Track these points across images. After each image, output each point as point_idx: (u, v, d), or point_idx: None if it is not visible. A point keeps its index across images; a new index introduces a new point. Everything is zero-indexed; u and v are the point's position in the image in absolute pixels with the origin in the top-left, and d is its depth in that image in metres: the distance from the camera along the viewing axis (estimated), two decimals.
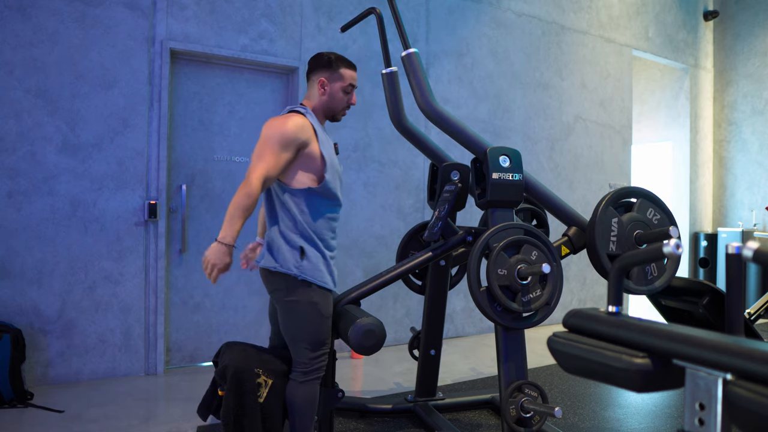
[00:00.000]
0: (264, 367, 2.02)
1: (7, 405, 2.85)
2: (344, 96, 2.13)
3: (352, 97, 2.16)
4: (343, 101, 2.14)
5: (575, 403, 3.09)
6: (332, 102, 2.13)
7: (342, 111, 2.18)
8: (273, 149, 1.92)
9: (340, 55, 2.16)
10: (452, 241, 2.40)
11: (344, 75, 2.12)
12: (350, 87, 2.14)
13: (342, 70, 2.12)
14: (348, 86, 2.13)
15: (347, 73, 2.12)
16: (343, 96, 2.13)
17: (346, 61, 2.14)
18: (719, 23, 6.97)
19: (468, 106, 4.81)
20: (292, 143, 1.94)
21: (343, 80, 2.11)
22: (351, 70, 2.15)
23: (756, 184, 6.57)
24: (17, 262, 3.15)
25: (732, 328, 1.11)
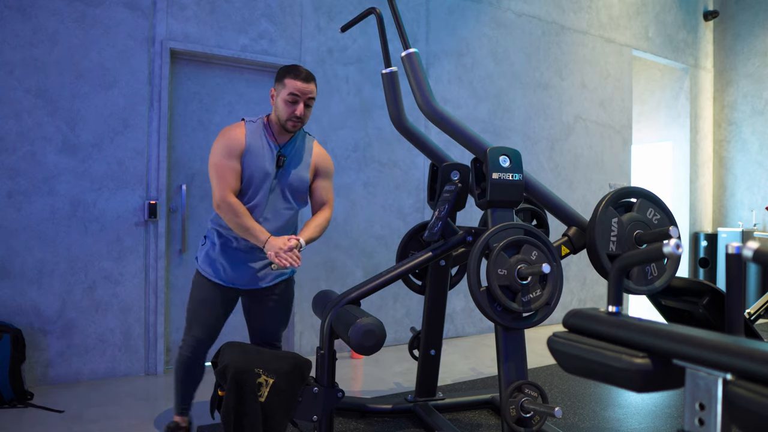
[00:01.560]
0: (264, 367, 2.02)
1: (7, 405, 2.85)
2: (287, 106, 2.17)
3: (297, 108, 2.16)
4: (285, 111, 2.17)
5: (575, 403, 3.09)
6: (277, 111, 2.21)
7: (287, 122, 2.19)
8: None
9: (295, 66, 2.20)
10: (452, 241, 2.40)
11: (287, 84, 2.16)
12: (292, 97, 2.15)
13: (286, 80, 2.16)
14: (289, 96, 2.15)
15: (290, 83, 2.15)
16: (285, 106, 2.17)
17: (294, 72, 2.17)
18: (719, 23, 6.97)
19: (468, 106, 4.81)
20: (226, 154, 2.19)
21: (285, 90, 2.16)
22: (297, 80, 2.15)
23: (756, 184, 6.57)
24: (17, 262, 3.15)
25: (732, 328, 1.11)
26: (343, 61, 4.20)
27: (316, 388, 2.04)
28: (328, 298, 2.41)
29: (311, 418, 2.05)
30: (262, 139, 2.23)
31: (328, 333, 2.11)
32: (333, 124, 4.15)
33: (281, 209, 2.28)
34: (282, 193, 2.27)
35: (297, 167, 2.28)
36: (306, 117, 2.22)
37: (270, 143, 2.24)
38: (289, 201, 2.29)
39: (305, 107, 2.19)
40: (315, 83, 2.23)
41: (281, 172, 2.24)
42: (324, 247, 4.11)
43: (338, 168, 4.17)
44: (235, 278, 2.28)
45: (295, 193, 2.30)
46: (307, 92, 2.18)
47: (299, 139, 2.32)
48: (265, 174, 2.21)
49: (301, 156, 2.30)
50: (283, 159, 2.24)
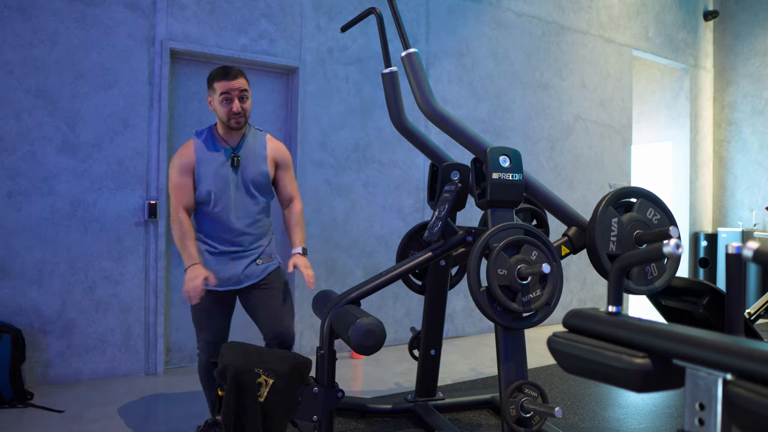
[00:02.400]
0: (264, 367, 2.02)
1: (7, 405, 2.85)
2: (223, 107, 2.25)
3: (233, 105, 2.24)
4: (223, 112, 2.25)
5: (575, 403, 3.09)
6: (218, 115, 2.30)
7: (229, 120, 2.26)
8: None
9: (220, 67, 2.26)
10: (452, 241, 2.40)
11: (216, 88, 2.24)
12: (223, 96, 2.22)
13: (214, 84, 2.24)
14: (221, 97, 2.23)
15: (219, 85, 2.23)
16: (222, 107, 2.25)
17: (219, 74, 2.24)
18: (719, 23, 6.97)
19: (468, 106, 4.81)
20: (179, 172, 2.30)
21: (216, 94, 2.24)
22: (221, 80, 2.22)
23: (756, 184, 6.57)
24: (17, 262, 3.15)
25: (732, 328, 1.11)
26: (343, 61, 4.20)
27: (316, 388, 2.04)
28: (328, 298, 2.41)
29: (311, 418, 2.05)
30: (212, 147, 2.32)
31: (328, 333, 2.11)
32: (333, 124, 4.15)
33: (249, 206, 2.35)
34: (246, 190, 2.33)
35: (253, 162, 2.35)
36: (246, 110, 2.29)
37: (221, 148, 2.32)
38: (254, 196, 2.36)
39: (241, 101, 2.26)
40: (243, 76, 2.28)
41: (239, 171, 2.31)
42: (324, 247, 4.11)
43: (338, 168, 4.17)
44: (225, 280, 2.33)
45: (259, 187, 2.36)
46: (236, 87, 2.24)
47: (250, 136, 2.39)
48: (222, 178, 2.29)
49: (256, 150, 2.37)
50: (237, 159, 2.31)
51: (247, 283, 2.37)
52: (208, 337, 2.39)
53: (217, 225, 2.34)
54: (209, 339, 2.38)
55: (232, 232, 2.33)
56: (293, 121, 4.03)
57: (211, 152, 2.31)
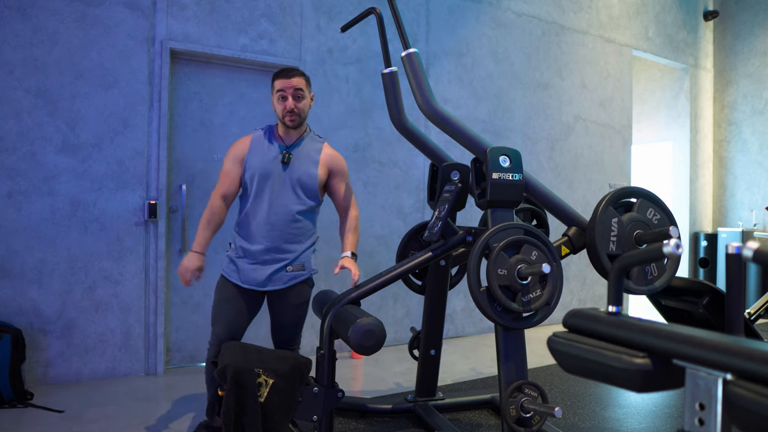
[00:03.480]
0: (264, 367, 2.02)
1: (7, 405, 2.85)
2: (279, 104, 2.34)
3: (287, 103, 2.32)
4: (279, 109, 2.34)
5: (575, 403, 3.09)
6: (276, 112, 2.38)
7: (284, 117, 2.34)
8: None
9: (283, 68, 2.36)
10: (452, 241, 2.40)
11: (274, 86, 2.34)
12: (279, 93, 2.32)
13: (274, 81, 2.34)
14: (277, 93, 2.33)
15: (276, 83, 2.33)
16: (278, 104, 2.34)
17: (279, 72, 2.34)
18: (719, 23, 6.97)
19: (468, 106, 4.81)
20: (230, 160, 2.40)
21: (274, 90, 2.34)
22: (280, 78, 2.32)
23: (756, 184, 6.57)
24: (17, 262, 3.15)
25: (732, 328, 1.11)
26: (343, 61, 4.20)
27: (316, 388, 2.04)
28: (328, 298, 2.41)
29: (311, 418, 2.05)
30: (267, 141, 2.38)
31: (328, 333, 2.11)
32: (333, 124, 4.15)
33: (290, 203, 2.33)
34: (292, 188, 2.34)
35: (304, 163, 2.37)
36: (300, 109, 2.34)
37: (276, 144, 2.38)
38: (298, 196, 2.35)
39: (296, 99, 2.32)
40: (302, 76, 2.34)
41: (288, 168, 2.34)
42: (324, 247, 4.11)
43: None
44: (252, 280, 2.33)
45: (304, 188, 2.35)
46: (292, 85, 2.30)
47: (307, 139, 2.43)
48: (267, 170, 2.32)
49: (309, 153, 2.40)
50: (289, 156, 2.34)
51: (272, 287, 2.35)
52: (219, 331, 2.34)
53: (254, 218, 2.33)
54: (220, 333, 2.34)
55: (267, 226, 2.31)
56: None
57: (266, 145, 2.37)
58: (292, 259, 2.36)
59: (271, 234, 2.32)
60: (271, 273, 2.33)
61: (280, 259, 2.34)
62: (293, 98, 2.31)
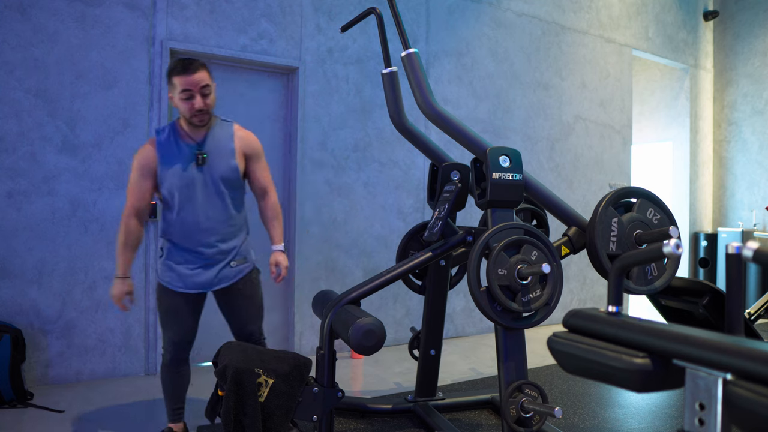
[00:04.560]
0: (264, 367, 2.02)
1: (7, 405, 2.85)
2: (184, 103, 2.11)
3: (195, 102, 2.10)
4: (186, 108, 2.12)
5: (575, 403, 3.09)
6: (180, 111, 2.16)
7: (192, 117, 2.14)
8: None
9: (179, 60, 2.11)
10: (452, 241, 2.40)
11: (174, 84, 2.10)
12: (185, 93, 2.09)
13: (173, 79, 2.10)
14: (182, 93, 2.09)
15: (176, 81, 2.09)
16: (183, 104, 2.11)
17: (177, 68, 2.09)
18: (719, 23, 6.97)
19: (468, 106, 4.81)
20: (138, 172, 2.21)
21: (176, 89, 2.10)
22: (181, 75, 2.08)
23: (756, 184, 6.57)
24: (17, 262, 3.15)
25: (732, 328, 1.11)
26: (343, 61, 4.20)
27: (316, 388, 2.04)
28: (328, 298, 2.41)
29: (311, 418, 2.05)
30: (175, 145, 2.18)
31: (328, 333, 2.11)
32: (333, 124, 4.15)
33: (220, 205, 2.22)
34: (216, 189, 2.20)
35: (221, 156, 2.20)
36: (209, 105, 2.16)
37: (185, 145, 2.19)
38: (224, 194, 2.22)
39: (203, 97, 2.12)
40: (204, 69, 2.13)
41: (206, 169, 2.18)
42: (324, 247, 4.11)
43: (338, 168, 4.17)
44: (198, 284, 2.27)
45: (228, 184, 2.23)
46: (198, 82, 2.09)
47: (216, 129, 2.24)
48: (188, 179, 2.17)
49: (222, 144, 2.22)
50: (203, 156, 2.17)
51: (220, 286, 2.31)
52: (174, 336, 2.31)
53: (185, 228, 2.21)
54: (175, 338, 2.31)
55: (203, 233, 2.22)
56: (293, 121, 4.03)
57: (175, 151, 2.17)
58: (234, 255, 2.29)
59: (209, 239, 2.23)
60: (217, 272, 2.26)
61: (222, 259, 2.27)
62: (201, 96, 2.11)
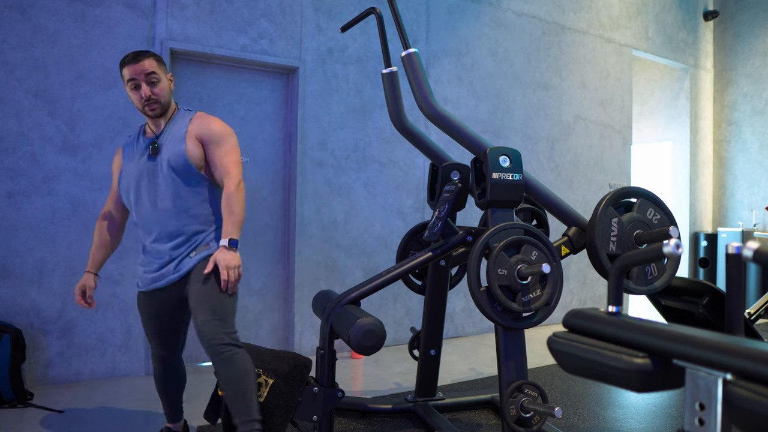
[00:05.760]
0: (264, 367, 2.02)
1: (7, 405, 2.85)
2: (133, 94, 2.06)
3: (141, 92, 2.04)
4: (135, 99, 2.07)
5: (575, 403, 3.09)
6: (134, 103, 2.11)
7: (144, 108, 2.07)
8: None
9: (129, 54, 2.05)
10: (452, 241, 2.40)
11: (123, 75, 2.06)
12: (131, 83, 2.04)
13: (122, 71, 2.06)
14: (129, 84, 2.05)
15: (124, 72, 2.05)
16: (133, 94, 2.06)
17: (125, 59, 2.04)
18: (719, 23, 6.97)
19: (468, 106, 4.81)
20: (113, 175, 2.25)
21: (124, 81, 2.07)
22: (127, 65, 2.03)
23: (756, 184, 6.57)
24: (17, 262, 3.15)
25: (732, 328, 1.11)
26: (343, 61, 4.20)
27: (316, 388, 2.04)
28: (328, 298, 2.41)
29: (311, 418, 2.05)
30: (137, 141, 2.16)
31: (328, 333, 2.11)
32: (333, 124, 4.15)
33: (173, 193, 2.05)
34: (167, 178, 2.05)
35: (170, 144, 2.08)
36: (159, 95, 2.06)
37: (145, 140, 2.14)
38: (176, 182, 2.05)
39: (150, 85, 2.04)
40: (152, 57, 2.05)
41: (158, 159, 2.07)
42: (324, 247, 4.11)
43: (338, 168, 4.17)
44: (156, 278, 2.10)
45: (176, 170, 2.04)
46: (141, 71, 2.02)
47: (176, 119, 2.15)
48: (139, 170, 2.09)
49: (176, 131, 2.11)
50: (155, 146, 2.08)
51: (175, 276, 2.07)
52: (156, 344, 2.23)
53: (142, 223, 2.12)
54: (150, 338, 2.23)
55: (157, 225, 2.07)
56: (293, 121, 4.03)
57: (134, 148, 2.15)
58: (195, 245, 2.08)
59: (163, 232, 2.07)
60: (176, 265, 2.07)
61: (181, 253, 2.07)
62: (147, 84, 2.03)
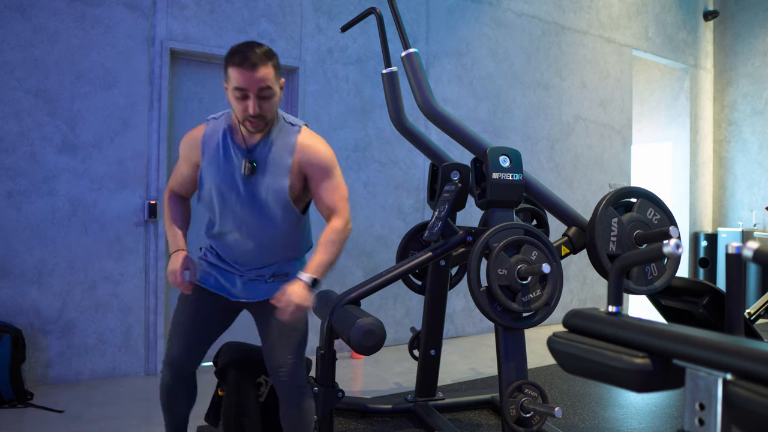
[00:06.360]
0: (264, 367, 2.02)
1: (7, 405, 2.85)
2: (237, 103, 1.64)
3: (249, 104, 1.61)
4: (237, 110, 1.66)
5: (575, 403, 3.09)
6: (233, 108, 1.70)
7: (244, 122, 1.67)
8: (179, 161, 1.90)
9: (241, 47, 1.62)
10: (452, 241, 2.40)
11: (230, 76, 1.63)
12: (238, 92, 1.62)
13: (229, 69, 1.62)
14: (235, 91, 1.62)
15: (232, 74, 1.61)
16: (236, 103, 1.65)
17: (236, 57, 1.60)
18: (719, 23, 6.97)
19: (468, 106, 4.81)
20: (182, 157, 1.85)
21: (229, 83, 1.64)
22: (239, 68, 1.59)
23: (756, 184, 6.57)
24: (17, 262, 3.15)
25: (732, 328, 1.11)
26: (343, 61, 4.20)
27: (316, 388, 2.04)
28: (328, 298, 2.41)
29: None
30: (224, 142, 1.74)
31: (328, 333, 2.11)
32: (333, 124, 4.15)
33: (262, 228, 1.78)
34: (259, 210, 1.75)
35: (272, 173, 1.73)
36: (267, 111, 1.66)
37: (235, 147, 1.73)
38: (269, 217, 1.76)
39: (261, 100, 1.63)
40: (269, 63, 1.62)
41: (253, 181, 1.72)
42: None
43: None
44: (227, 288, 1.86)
45: (275, 207, 1.75)
46: (255, 82, 1.60)
47: (275, 134, 1.74)
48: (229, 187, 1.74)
49: (278, 157, 1.73)
50: (251, 166, 1.71)
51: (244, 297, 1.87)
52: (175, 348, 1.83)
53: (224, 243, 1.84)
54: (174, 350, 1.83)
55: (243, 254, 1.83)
56: None
57: (222, 150, 1.74)
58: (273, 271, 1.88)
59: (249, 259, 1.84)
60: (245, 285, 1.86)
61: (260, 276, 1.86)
62: (258, 98, 1.62)
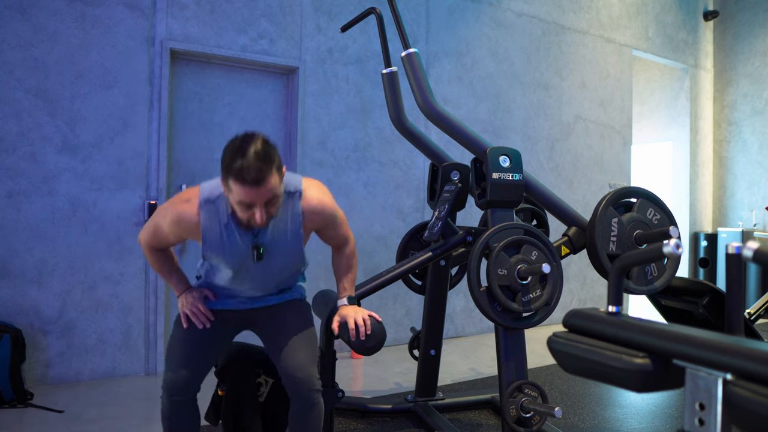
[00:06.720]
0: (264, 367, 2.02)
1: (7, 405, 2.85)
2: (242, 211, 1.58)
3: (254, 214, 1.57)
4: (243, 215, 1.60)
5: (575, 403, 3.09)
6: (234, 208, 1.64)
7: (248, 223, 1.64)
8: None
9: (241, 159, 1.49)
10: (452, 241, 2.40)
11: (233, 189, 1.54)
12: (243, 206, 1.56)
13: (230, 182, 1.53)
14: (239, 204, 1.57)
15: (237, 188, 1.53)
16: (241, 210, 1.58)
17: (239, 172, 1.50)
18: (719, 23, 6.97)
19: (468, 106, 4.81)
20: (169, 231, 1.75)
21: (233, 195, 1.57)
22: (244, 186, 1.51)
23: (756, 184, 6.57)
24: (17, 262, 3.15)
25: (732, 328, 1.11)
26: (343, 61, 4.20)
27: None
28: (328, 298, 2.41)
29: None
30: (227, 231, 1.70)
31: (328, 333, 2.11)
32: (333, 124, 4.15)
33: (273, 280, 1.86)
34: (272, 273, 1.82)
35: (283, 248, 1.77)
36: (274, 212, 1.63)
37: (241, 233, 1.70)
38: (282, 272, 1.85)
39: (267, 206, 1.58)
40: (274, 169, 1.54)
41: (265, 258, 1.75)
42: (324, 247, 4.09)
43: (338, 168, 4.17)
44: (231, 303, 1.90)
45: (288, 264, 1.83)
46: (263, 196, 1.54)
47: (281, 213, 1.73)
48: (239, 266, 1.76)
49: (287, 230, 1.75)
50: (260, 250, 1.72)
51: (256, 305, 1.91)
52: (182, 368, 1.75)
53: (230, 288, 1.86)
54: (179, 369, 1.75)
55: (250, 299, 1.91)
56: (293, 121, 4.03)
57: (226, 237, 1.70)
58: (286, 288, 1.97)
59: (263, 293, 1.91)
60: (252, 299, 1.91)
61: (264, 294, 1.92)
62: (264, 206, 1.57)
